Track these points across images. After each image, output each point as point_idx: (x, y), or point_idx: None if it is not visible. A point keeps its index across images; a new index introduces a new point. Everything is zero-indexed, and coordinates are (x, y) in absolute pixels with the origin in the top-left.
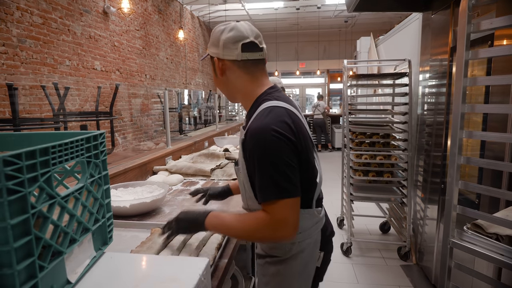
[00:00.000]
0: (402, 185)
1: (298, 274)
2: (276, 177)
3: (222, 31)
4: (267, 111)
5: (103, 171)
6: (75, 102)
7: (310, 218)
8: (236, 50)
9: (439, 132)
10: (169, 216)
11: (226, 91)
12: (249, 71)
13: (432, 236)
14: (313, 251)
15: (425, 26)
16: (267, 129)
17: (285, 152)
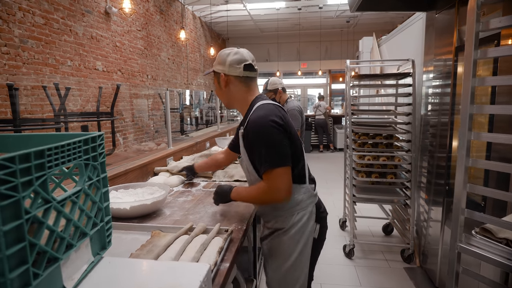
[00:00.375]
0: (405, 186)
1: (298, 241)
2: (270, 152)
3: (228, 54)
4: (260, 107)
5: (101, 174)
6: (76, 103)
7: (305, 192)
8: (239, 68)
9: (443, 133)
10: (170, 218)
11: (227, 99)
12: (247, 85)
13: (436, 238)
14: (309, 221)
15: (429, 25)
16: (264, 119)
17: (277, 135)
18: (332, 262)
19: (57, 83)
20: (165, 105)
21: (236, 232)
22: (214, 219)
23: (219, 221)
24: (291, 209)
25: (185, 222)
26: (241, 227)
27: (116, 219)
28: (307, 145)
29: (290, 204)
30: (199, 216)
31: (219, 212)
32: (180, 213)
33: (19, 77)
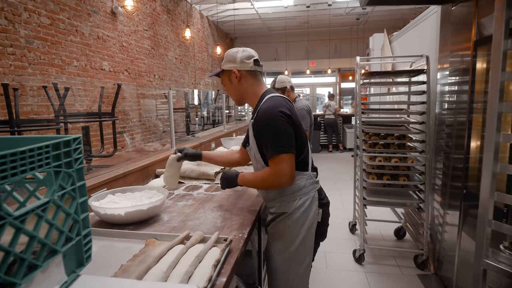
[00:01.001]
0: (419, 189)
1: (302, 224)
2: (277, 140)
3: (236, 52)
4: (269, 99)
5: (78, 182)
6: (83, 103)
7: (308, 179)
8: (250, 63)
9: (460, 133)
10: (167, 225)
11: (239, 94)
12: (257, 78)
13: (453, 244)
14: (312, 205)
15: (445, 19)
16: (273, 109)
17: (284, 125)
18: (341, 267)
19: (55, 83)
20: (169, 105)
21: (236, 241)
22: (214, 226)
23: (220, 227)
24: (294, 193)
25: (183, 229)
26: (242, 235)
27: (111, 225)
28: (316, 145)
29: (293, 189)
30: (198, 223)
31: (220, 217)
32: (179, 219)
33: (25, 77)
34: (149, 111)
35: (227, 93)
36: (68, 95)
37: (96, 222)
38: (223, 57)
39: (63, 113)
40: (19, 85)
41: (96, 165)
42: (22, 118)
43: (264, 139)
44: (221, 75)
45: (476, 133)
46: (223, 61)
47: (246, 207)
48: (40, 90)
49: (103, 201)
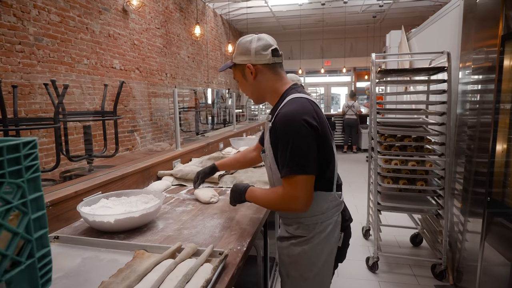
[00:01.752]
0: (437, 194)
1: (321, 252)
2: (294, 155)
3: (250, 41)
4: (292, 101)
5: (30, 194)
6: (93, 102)
7: (332, 201)
8: (268, 55)
9: (484, 135)
10: (161, 234)
11: (256, 93)
12: (276, 72)
13: (474, 253)
14: (335, 231)
15: (468, 14)
16: (295, 116)
17: (307, 137)
18: (354, 275)
19: (54, 80)
20: (174, 104)
21: (233, 255)
22: (212, 236)
23: (217, 238)
24: (315, 217)
25: (177, 239)
26: (241, 247)
27: (101, 233)
28: None
29: (314, 212)
30: (194, 232)
31: (219, 226)
32: (174, 227)
33: (33, 75)
34: (160, 110)
35: (241, 90)
36: (78, 94)
37: (85, 229)
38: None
39: (62, 112)
40: (27, 83)
41: (98, 165)
42: (20, 117)
43: (280, 151)
44: (233, 69)
45: (502, 135)
46: (234, 52)
47: (249, 215)
48: (49, 88)
49: (95, 206)
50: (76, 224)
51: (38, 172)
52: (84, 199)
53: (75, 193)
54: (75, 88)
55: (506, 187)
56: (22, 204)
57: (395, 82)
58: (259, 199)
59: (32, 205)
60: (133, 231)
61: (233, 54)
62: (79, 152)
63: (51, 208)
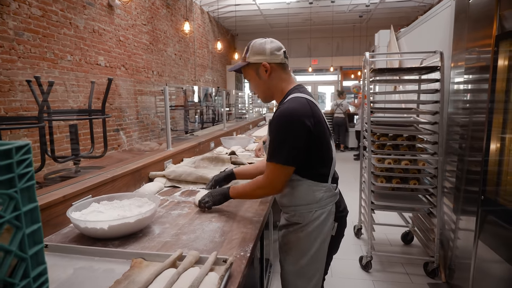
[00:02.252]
0: (429, 193)
1: (315, 239)
2: (281, 148)
3: (264, 42)
4: (292, 100)
5: (25, 205)
6: (77, 100)
7: (326, 191)
8: (281, 55)
9: (476, 134)
10: (158, 240)
11: (267, 91)
12: (286, 72)
13: (467, 251)
14: (328, 219)
15: (460, 14)
16: (293, 113)
17: (296, 134)
18: (347, 275)
19: (38, 76)
20: (165, 102)
21: (237, 262)
22: (212, 241)
23: (218, 243)
24: (309, 205)
25: (175, 245)
26: (245, 253)
27: (93, 240)
28: None
29: (309, 201)
30: (194, 237)
31: (219, 230)
32: (172, 232)
33: (14, 71)
34: (147, 108)
35: (253, 89)
36: (61, 91)
37: (76, 235)
38: (224, 53)
39: (47, 110)
40: (7, 79)
41: (85, 166)
42: (0, 115)
43: (271, 141)
44: (244, 69)
45: (496, 134)
46: (247, 53)
47: (249, 217)
48: (32, 85)
49: (86, 210)
50: (65, 230)
51: (33, 180)
52: (74, 203)
53: (63, 198)
54: (58, 86)
55: (499, 185)
56: (15, 217)
57: (389, 81)
58: (242, 190)
59: (27, 218)
60: (127, 238)
61: (245, 55)
62: (63, 153)
63: None
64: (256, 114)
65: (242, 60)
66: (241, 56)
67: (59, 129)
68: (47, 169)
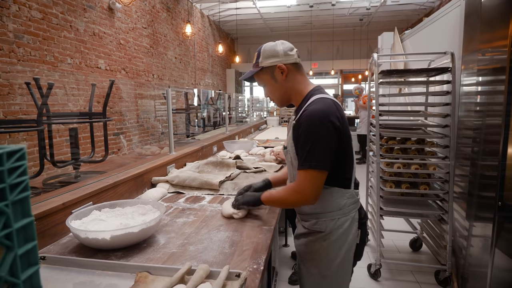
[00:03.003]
0: (440, 198)
1: (340, 248)
2: (314, 152)
3: (275, 45)
4: (318, 100)
5: (17, 221)
6: (77, 103)
7: (349, 198)
8: (294, 55)
9: (490, 138)
10: (164, 250)
11: (284, 93)
12: (302, 73)
13: (481, 259)
14: (352, 227)
15: (471, 14)
16: (322, 115)
17: (328, 136)
18: (355, 283)
19: (37, 78)
20: (167, 105)
21: (251, 276)
22: (222, 253)
23: (228, 255)
24: (332, 213)
25: (182, 257)
26: (258, 266)
27: (94, 251)
28: None
29: (332, 208)
30: (202, 247)
31: (228, 240)
32: (178, 242)
33: (13, 74)
34: (147, 112)
35: (268, 94)
36: (61, 94)
37: (76, 246)
38: (224, 56)
39: (46, 113)
40: (6, 82)
41: (85, 171)
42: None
43: (301, 147)
44: (257, 75)
45: None
46: (259, 58)
47: (258, 225)
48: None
49: (87, 219)
50: (64, 240)
51: (27, 191)
52: (74, 211)
53: (63, 205)
54: (58, 89)
55: None
56: (6, 236)
57: (397, 83)
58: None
59: (19, 236)
60: (131, 248)
61: (257, 60)
62: (63, 157)
63: (36, 224)
64: (257, 118)
65: (254, 66)
66: (253, 63)
67: (59, 133)
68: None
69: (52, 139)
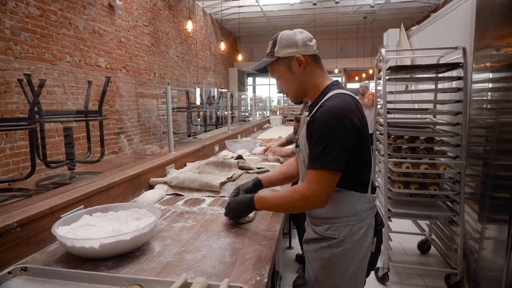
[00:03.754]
0: (451, 199)
1: (354, 256)
2: (328, 151)
3: (294, 33)
4: (337, 96)
5: None
6: (76, 102)
7: (366, 203)
8: (314, 46)
9: (504, 136)
10: (158, 259)
11: (301, 87)
12: (320, 65)
13: (495, 263)
14: (368, 234)
15: (483, 8)
16: (340, 111)
17: (345, 135)
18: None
19: (28, 74)
20: (167, 104)
21: None
22: (222, 262)
23: (229, 265)
24: (347, 218)
25: (178, 267)
26: (261, 278)
27: (83, 260)
28: None
29: (347, 213)
30: (200, 256)
31: (229, 247)
32: (174, 250)
33: (10, 72)
34: (148, 111)
35: (283, 86)
36: (60, 93)
37: (63, 254)
38: (226, 55)
39: (38, 111)
40: (2, 80)
41: (81, 171)
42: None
43: (315, 143)
44: (271, 66)
45: None
46: (274, 47)
47: (262, 231)
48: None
49: (76, 224)
50: (51, 248)
51: None
52: (62, 216)
53: (50, 209)
54: (57, 87)
55: None
56: None
57: (406, 79)
58: (274, 202)
59: None
60: (123, 257)
61: (272, 49)
62: (61, 157)
63: (19, 230)
64: (260, 117)
65: (269, 56)
66: (266, 52)
67: (57, 132)
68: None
69: (44, 138)
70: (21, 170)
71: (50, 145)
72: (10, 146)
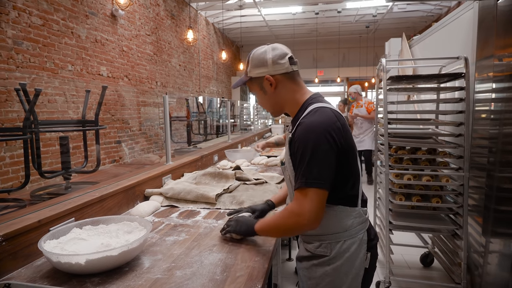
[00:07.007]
0: (454, 212)
1: (346, 274)
2: (312, 168)
3: (265, 52)
4: (316, 111)
5: None
6: (77, 110)
7: (356, 217)
8: (286, 63)
9: (508, 147)
10: (147, 276)
11: (275, 105)
12: (296, 81)
13: (500, 278)
14: (360, 250)
15: (485, 17)
16: (319, 127)
17: (327, 151)
18: None
19: (24, 83)
20: (164, 113)
21: None
22: (212, 280)
23: (220, 282)
24: (337, 234)
25: (166, 285)
26: None
27: (69, 276)
28: None
29: (337, 229)
30: (190, 273)
31: (221, 263)
32: (164, 265)
33: (11, 81)
34: (150, 120)
35: (260, 104)
36: (61, 102)
37: (50, 270)
38: (229, 64)
39: (33, 121)
40: (3, 89)
41: (77, 181)
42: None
43: (298, 162)
44: (248, 84)
45: None
46: (248, 66)
47: (256, 245)
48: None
49: (65, 238)
50: (39, 262)
51: None
52: (51, 229)
53: (39, 222)
54: (58, 96)
55: None
56: None
57: (407, 89)
58: (270, 224)
59: None
60: (111, 272)
61: (246, 69)
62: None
63: (5, 244)
64: (261, 126)
65: (245, 75)
66: (244, 70)
67: (57, 141)
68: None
69: (39, 148)
70: (20, 179)
71: (50, 153)
72: (10, 154)
